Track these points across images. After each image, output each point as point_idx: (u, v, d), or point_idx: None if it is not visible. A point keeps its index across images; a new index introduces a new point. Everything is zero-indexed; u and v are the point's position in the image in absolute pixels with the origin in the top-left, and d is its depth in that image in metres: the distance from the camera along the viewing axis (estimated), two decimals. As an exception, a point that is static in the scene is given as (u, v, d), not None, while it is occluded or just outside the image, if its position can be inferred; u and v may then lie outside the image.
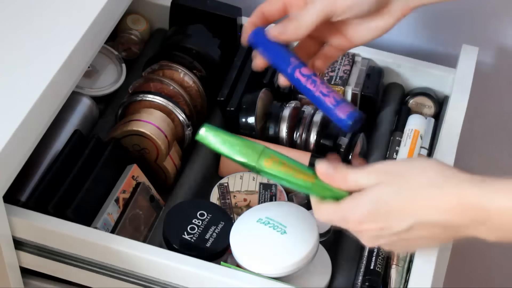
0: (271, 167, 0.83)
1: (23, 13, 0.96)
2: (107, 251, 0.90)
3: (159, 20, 1.20)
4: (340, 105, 0.84)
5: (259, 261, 0.90)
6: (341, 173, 0.79)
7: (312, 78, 0.85)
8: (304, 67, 0.86)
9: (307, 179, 0.82)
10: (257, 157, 0.83)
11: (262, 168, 0.83)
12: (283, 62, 0.87)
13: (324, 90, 0.85)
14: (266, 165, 0.82)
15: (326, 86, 0.85)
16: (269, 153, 0.83)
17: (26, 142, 0.89)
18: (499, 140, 1.32)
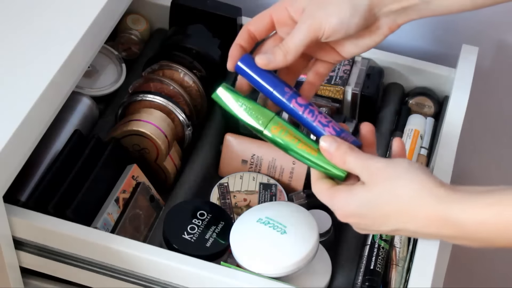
0: (278, 134, 0.84)
1: (23, 13, 0.96)
2: (107, 251, 0.90)
3: (159, 20, 1.20)
4: (341, 135, 0.83)
5: (259, 261, 0.90)
6: (341, 154, 0.81)
7: (309, 108, 0.85)
8: (300, 97, 0.85)
9: (310, 151, 0.83)
10: (266, 122, 0.84)
11: (268, 134, 0.84)
12: (278, 91, 0.85)
13: (323, 120, 0.84)
14: (273, 131, 0.84)
15: (325, 116, 0.85)
16: (278, 120, 0.84)
17: (26, 142, 0.89)
18: (499, 140, 1.32)
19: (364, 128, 0.85)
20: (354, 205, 0.79)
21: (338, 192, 0.81)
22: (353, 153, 0.80)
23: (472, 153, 1.33)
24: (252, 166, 1.07)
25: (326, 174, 0.83)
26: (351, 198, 0.79)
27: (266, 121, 0.84)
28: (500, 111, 1.28)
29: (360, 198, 0.79)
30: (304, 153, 0.84)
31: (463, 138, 1.04)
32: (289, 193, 1.06)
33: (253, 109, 0.85)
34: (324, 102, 1.11)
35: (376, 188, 0.78)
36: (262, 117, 0.84)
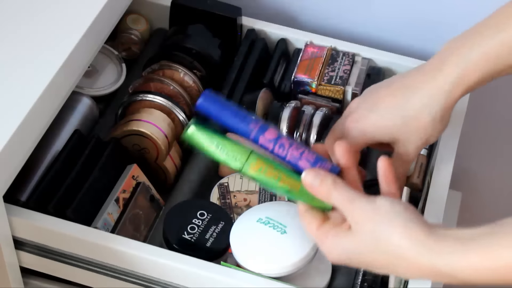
0: (257, 172, 0.81)
1: (23, 13, 0.96)
2: (107, 251, 0.90)
3: (159, 20, 1.20)
4: (317, 165, 0.81)
5: (259, 261, 0.90)
6: (326, 189, 0.79)
7: (279, 141, 0.82)
8: (268, 131, 0.82)
9: (293, 186, 0.81)
10: (244, 160, 0.81)
11: (247, 172, 0.81)
12: (243, 128, 0.82)
13: (296, 154, 0.81)
14: (252, 169, 0.81)
15: (296, 147, 0.82)
16: (257, 157, 0.81)
17: (26, 142, 0.89)
18: (499, 140, 1.32)
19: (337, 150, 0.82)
20: (342, 251, 0.78)
21: (326, 234, 0.79)
22: (337, 189, 0.78)
23: (472, 153, 1.33)
24: (252, 166, 1.07)
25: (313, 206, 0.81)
26: (338, 244, 0.78)
27: (244, 159, 0.81)
28: (500, 111, 1.28)
29: (347, 245, 0.77)
30: (287, 189, 0.81)
31: (463, 138, 1.04)
32: (289, 193, 1.06)
33: (228, 147, 0.81)
34: (324, 102, 1.11)
35: (361, 237, 0.76)
36: (239, 155, 0.81)
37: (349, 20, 1.22)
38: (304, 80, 1.10)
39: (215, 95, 0.82)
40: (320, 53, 1.12)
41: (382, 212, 0.75)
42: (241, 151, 0.81)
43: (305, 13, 1.24)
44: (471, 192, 1.37)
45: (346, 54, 1.13)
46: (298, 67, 1.11)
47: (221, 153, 0.81)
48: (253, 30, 1.16)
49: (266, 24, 1.16)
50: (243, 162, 0.81)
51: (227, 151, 0.81)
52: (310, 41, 1.14)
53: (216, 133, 0.82)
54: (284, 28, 1.16)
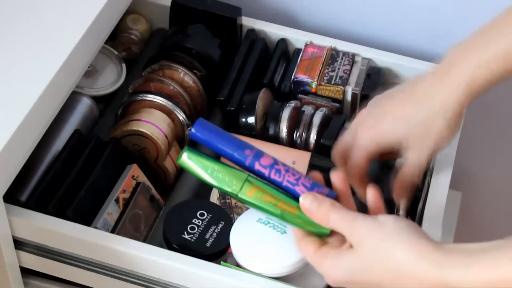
0: (253, 197, 0.81)
1: (23, 13, 0.96)
2: (107, 251, 0.90)
3: (159, 20, 1.20)
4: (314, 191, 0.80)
5: (259, 261, 0.89)
6: (324, 213, 0.78)
7: (275, 167, 0.81)
8: (263, 157, 0.81)
9: (290, 211, 0.80)
10: (240, 185, 0.80)
11: (243, 197, 0.81)
12: (238, 155, 0.81)
13: (292, 179, 0.81)
14: (248, 194, 0.81)
15: (292, 173, 0.81)
16: (253, 182, 0.81)
17: (26, 142, 0.89)
18: (499, 140, 1.32)
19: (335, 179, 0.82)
20: (342, 272, 0.76)
21: (325, 257, 0.77)
22: (336, 211, 0.77)
23: (472, 153, 1.33)
24: (252, 166, 1.07)
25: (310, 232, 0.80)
26: (338, 264, 0.76)
27: (240, 184, 0.80)
28: (500, 111, 1.28)
29: (348, 264, 0.75)
30: (284, 214, 0.81)
31: (463, 138, 1.04)
32: (289, 193, 1.06)
33: (223, 172, 0.80)
34: (324, 102, 1.11)
35: (365, 254, 0.74)
36: (235, 180, 0.80)
37: (349, 20, 1.22)
38: (304, 80, 1.10)
39: (208, 123, 0.82)
40: (320, 53, 1.12)
41: (385, 228, 0.74)
42: (237, 176, 0.81)
43: (305, 13, 1.24)
44: (471, 192, 1.37)
45: (346, 54, 1.13)
46: (298, 67, 1.11)
47: (216, 179, 0.80)
48: (253, 30, 1.16)
49: (266, 24, 1.16)
50: (239, 188, 0.80)
51: (222, 177, 0.80)
52: (310, 41, 1.14)
53: (210, 158, 0.81)
54: (284, 28, 1.16)
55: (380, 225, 0.74)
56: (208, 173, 0.80)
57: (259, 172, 0.81)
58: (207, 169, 0.80)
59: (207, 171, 0.80)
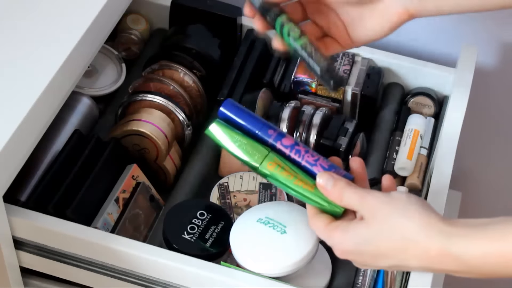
0: (273, 170, 0.84)
1: (23, 13, 0.96)
2: (107, 251, 0.90)
3: (159, 20, 1.20)
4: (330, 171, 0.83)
5: (259, 261, 0.90)
6: (338, 190, 0.80)
7: (295, 148, 0.84)
8: (285, 138, 0.85)
9: (306, 187, 0.83)
10: (261, 158, 0.84)
11: (264, 170, 0.84)
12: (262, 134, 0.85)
13: (311, 160, 0.84)
14: (269, 167, 0.84)
15: (311, 154, 0.84)
16: (274, 156, 0.84)
17: (26, 142, 0.89)
18: (499, 140, 1.32)
19: (354, 163, 0.84)
20: (352, 242, 0.78)
21: (335, 229, 0.79)
22: (350, 188, 0.79)
23: (472, 153, 1.33)
24: (252, 166, 1.07)
25: (323, 210, 0.82)
26: (348, 234, 0.78)
27: (261, 157, 0.84)
28: (500, 111, 1.28)
29: (358, 234, 0.77)
30: (301, 189, 0.83)
31: (463, 138, 1.04)
32: (289, 193, 1.06)
33: (247, 145, 0.84)
34: (324, 102, 1.11)
35: (375, 224, 0.76)
36: (257, 153, 0.84)
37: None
38: (304, 80, 1.11)
39: (236, 103, 0.86)
40: (320, 53, 1.12)
41: (397, 201, 0.76)
42: (260, 150, 0.84)
43: (305, 13, 1.23)
44: (471, 192, 1.37)
45: (346, 54, 1.13)
46: (298, 67, 1.11)
47: (240, 150, 0.84)
48: (253, 30, 1.16)
49: (266, 24, 1.16)
50: (261, 160, 0.84)
51: (247, 148, 0.84)
52: (310, 41, 1.14)
53: (236, 131, 0.85)
54: (284, 28, 1.16)
55: (392, 199, 0.77)
56: (233, 143, 0.84)
57: (280, 151, 0.85)
58: (235, 140, 0.84)
59: (232, 140, 0.84)
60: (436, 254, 0.73)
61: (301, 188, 0.83)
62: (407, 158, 1.05)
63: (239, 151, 0.84)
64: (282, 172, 0.84)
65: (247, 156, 0.84)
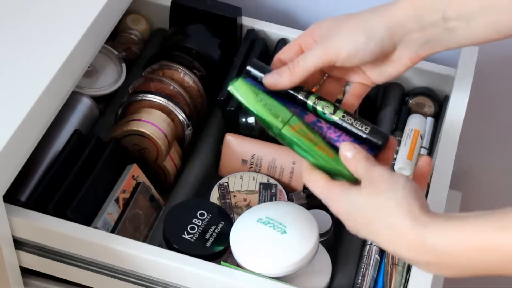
0: (296, 134, 0.82)
1: (23, 13, 0.96)
2: (107, 251, 0.91)
3: (159, 20, 1.20)
4: None
5: (259, 261, 0.90)
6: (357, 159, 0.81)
7: (317, 124, 0.84)
8: (306, 115, 0.85)
9: (327, 153, 0.82)
10: (285, 120, 0.82)
11: (287, 131, 0.83)
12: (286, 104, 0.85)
13: (333, 136, 0.84)
14: (292, 130, 0.82)
15: (334, 130, 0.84)
16: (297, 120, 0.83)
17: (26, 142, 0.89)
18: (499, 140, 1.32)
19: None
20: (345, 202, 0.79)
21: (334, 186, 0.81)
22: (365, 160, 0.80)
23: (472, 153, 1.33)
24: (252, 166, 1.08)
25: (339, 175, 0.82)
26: (343, 195, 0.80)
27: (286, 118, 0.83)
28: (500, 111, 1.28)
29: (350, 198, 0.79)
30: (321, 155, 0.82)
31: (463, 138, 1.04)
32: (289, 193, 1.06)
33: (272, 105, 0.83)
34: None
35: (366, 195, 0.78)
36: (282, 114, 0.83)
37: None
38: (304, 80, 1.10)
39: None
40: (320, 53, 1.12)
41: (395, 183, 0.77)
42: (284, 111, 0.83)
43: (305, 13, 1.24)
44: (471, 192, 1.37)
45: (346, 54, 1.13)
46: (298, 67, 1.11)
47: (264, 109, 0.83)
48: (253, 30, 1.16)
49: (266, 24, 1.16)
50: (285, 121, 0.83)
51: (271, 108, 0.83)
52: (310, 41, 1.14)
53: (260, 90, 0.84)
54: (284, 28, 1.16)
55: (391, 178, 0.78)
56: (257, 102, 0.83)
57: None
58: (258, 97, 0.83)
59: (258, 99, 0.83)
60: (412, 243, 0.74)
61: (321, 154, 0.82)
62: (407, 158, 1.05)
63: (263, 110, 0.82)
64: (305, 136, 0.82)
65: (271, 116, 0.82)
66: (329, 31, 0.86)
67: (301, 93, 0.85)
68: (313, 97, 0.85)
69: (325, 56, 0.84)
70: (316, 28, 0.88)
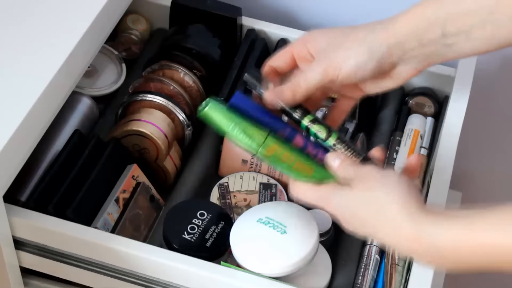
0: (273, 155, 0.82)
1: (23, 13, 0.96)
2: (107, 251, 0.91)
3: (159, 20, 1.20)
4: None
5: (259, 261, 0.90)
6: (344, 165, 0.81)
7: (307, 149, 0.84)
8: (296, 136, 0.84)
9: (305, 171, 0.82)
10: (261, 141, 0.81)
11: (263, 154, 0.82)
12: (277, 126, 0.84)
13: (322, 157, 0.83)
14: (266, 153, 0.82)
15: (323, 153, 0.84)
16: (272, 141, 0.82)
17: (26, 142, 0.89)
18: (499, 140, 1.32)
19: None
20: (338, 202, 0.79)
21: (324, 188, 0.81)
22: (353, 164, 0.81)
23: (472, 153, 1.33)
24: (252, 166, 1.07)
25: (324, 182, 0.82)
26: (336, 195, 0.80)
27: (260, 142, 0.81)
28: (500, 111, 1.28)
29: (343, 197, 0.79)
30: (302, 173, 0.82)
31: (463, 138, 1.04)
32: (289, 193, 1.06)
33: (246, 127, 0.81)
34: (324, 102, 1.11)
35: (359, 192, 0.78)
36: (256, 138, 0.81)
37: (349, 20, 1.22)
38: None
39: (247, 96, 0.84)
40: (320, 53, 1.12)
41: (386, 178, 0.77)
42: (258, 132, 0.81)
43: (305, 13, 1.24)
44: (471, 192, 1.37)
45: (346, 54, 1.13)
46: (298, 67, 1.11)
47: (237, 133, 0.81)
48: (253, 30, 1.16)
49: (266, 24, 1.17)
50: (260, 144, 0.81)
51: (245, 131, 0.81)
52: (310, 41, 1.14)
53: (232, 111, 0.81)
54: (284, 28, 1.16)
55: (382, 175, 0.78)
56: (231, 126, 0.81)
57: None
58: (231, 121, 0.81)
59: (230, 123, 0.81)
60: (410, 238, 0.74)
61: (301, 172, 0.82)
62: (407, 158, 1.05)
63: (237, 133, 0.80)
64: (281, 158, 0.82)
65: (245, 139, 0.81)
66: (328, 46, 0.85)
67: (297, 111, 0.85)
68: (307, 119, 0.85)
69: (326, 74, 0.84)
70: (312, 40, 0.87)
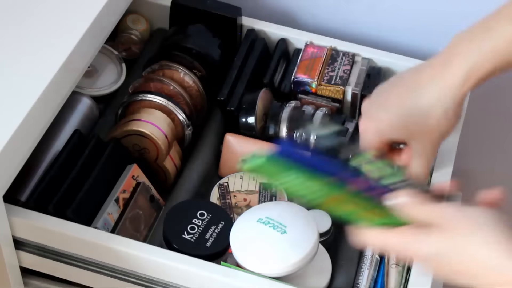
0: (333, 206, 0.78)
1: (23, 13, 0.96)
2: (107, 251, 0.91)
3: (159, 20, 1.20)
4: None
5: (259, 261, 0.90)
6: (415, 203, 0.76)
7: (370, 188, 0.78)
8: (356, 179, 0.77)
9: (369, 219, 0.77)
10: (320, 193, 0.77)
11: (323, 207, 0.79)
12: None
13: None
14: (326, 205, 0.78)
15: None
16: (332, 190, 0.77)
17: (26, 142, 0.89)
18: (499, 140, 1.32)
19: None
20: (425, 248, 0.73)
21: (405, 234, 0.75)
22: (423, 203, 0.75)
23: (472, 153, 1.33)
24: (252, 166, 1.07)
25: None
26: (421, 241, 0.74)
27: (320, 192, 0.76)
28: (500, 111, 1.28)
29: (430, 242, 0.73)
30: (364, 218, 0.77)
31: (463, 138, 1.04)
32: (289, 193, 1.06)
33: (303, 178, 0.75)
34: (324, 102, 1.11)
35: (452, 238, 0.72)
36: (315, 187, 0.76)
37: (349, 20, 1.22)
38: (304, 80, 1.10)
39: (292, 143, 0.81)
40: (320, 53, 1.12)
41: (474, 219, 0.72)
42: (318, 185, 0.76)
43: (305, 13, 1.24)
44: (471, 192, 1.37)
45: (346, 54, 1.13)
46: (298, 67, 1.11)
47: (296, 185, 0.76)
48: (253, 30, 1.16)
49: (266, 24, 1.17)
50: (319, 195, 0.77)
51: (303, 182, 0.76)
52: (310, 41, 1.14)
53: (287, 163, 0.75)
54: (284, 28, 1.16)
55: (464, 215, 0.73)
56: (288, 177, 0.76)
57: None
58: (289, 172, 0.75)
59: (288, 174, 0.75)
60: None
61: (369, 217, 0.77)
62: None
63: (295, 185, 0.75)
64: (342, 207, 0.77)
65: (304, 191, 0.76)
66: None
67: None
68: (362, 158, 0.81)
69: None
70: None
